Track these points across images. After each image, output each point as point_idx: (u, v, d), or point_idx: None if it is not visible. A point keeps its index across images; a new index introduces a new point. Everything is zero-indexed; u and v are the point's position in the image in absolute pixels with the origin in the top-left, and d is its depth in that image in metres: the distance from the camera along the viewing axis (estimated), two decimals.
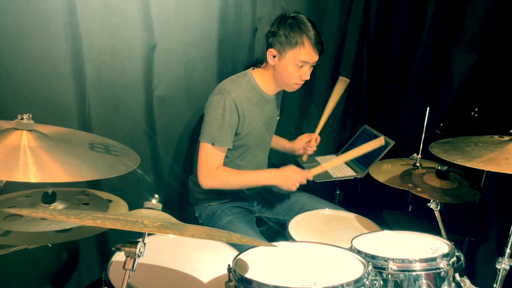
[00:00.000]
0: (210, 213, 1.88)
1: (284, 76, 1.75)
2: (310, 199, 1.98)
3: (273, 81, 1.81)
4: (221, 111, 1.70)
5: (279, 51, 1.72)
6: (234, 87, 1.75)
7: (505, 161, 1.25)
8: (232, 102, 1.71)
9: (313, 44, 1.70)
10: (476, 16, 1.88)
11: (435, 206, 1.54)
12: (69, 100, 1.70)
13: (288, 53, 1.71)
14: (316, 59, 1.75)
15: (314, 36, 1.71)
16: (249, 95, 1.78)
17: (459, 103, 1.97)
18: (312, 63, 1.75)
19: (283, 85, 1.80)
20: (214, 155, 1.73)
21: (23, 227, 1.23)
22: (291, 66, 1.72)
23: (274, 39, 1.72)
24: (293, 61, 1.71)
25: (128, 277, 0.98)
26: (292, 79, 1.75)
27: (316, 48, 1.72)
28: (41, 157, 1.05)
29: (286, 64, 1.72)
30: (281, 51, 1.72)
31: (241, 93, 1.76)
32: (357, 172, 2.28)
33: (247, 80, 1.81)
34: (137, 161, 1.24)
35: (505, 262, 1.38)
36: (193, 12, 1.91)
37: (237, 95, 1.73)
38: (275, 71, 1.77)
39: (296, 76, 1.74)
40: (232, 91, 1.73)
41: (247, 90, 1.78)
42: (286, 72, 1.74)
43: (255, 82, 1.81)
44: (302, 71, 1.73)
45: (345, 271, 1.16)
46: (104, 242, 1.92)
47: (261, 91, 1.82)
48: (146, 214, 1.05)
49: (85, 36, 1.68)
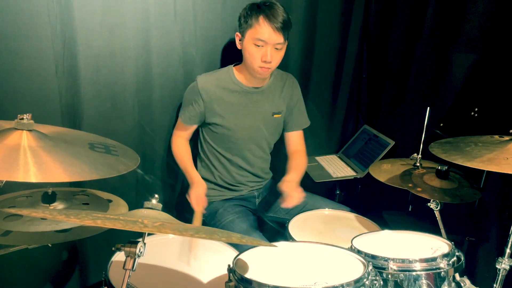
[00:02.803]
0: (213, 211, 1.89)
1: (248, 59, 1.75)
2: (311, 198, 1.97)
3: (244, 71, 1.83)
4: (186, 92, 1.88)
5: (242, 33, 1.74)
6: (205, 76, 1.85)
7: (505, 161, 1.25)
8: (195, 85, 1.82)
9: (269, 21, 1.66)
10: (476, 16, 1.88)
11: (435, 206, 1.54)
12: (68, 100, 1.70)
13: (247, 33, 1.71)
14: (276, 38, 1.68)
15: (272, 14, 1.66)
16: (223, 84, 1.83)
17: (459, 103, 1.97)
18: (274, 44, 1.69)
19: (250, 70, 1.77)
20: (178, 124, 1.95)
21: (23, 227, 1.23)
22: (251, 47, 1.70)
23: (239, 22, 1.75)
24: (251, 40, 1.70)
25: (128, 277, 0.98)
26: (255, 62, 1.72)
27: (273, 25, 1.66)
28: (41, 157, 1.05)
29: (247, 45, 1.72)
30: (243, 33, 1.73)
31: (210, 80, 1.83)
32: (357, 172, 2.28)
33: (224, 71, 1.87)
34: (137, 161, 1.24)
35: (505, 262, 1.38)
36: (192, 12, 1.91)
37: (202, 81, 1.82)
38: (243, 56, 1.79)
39: (257, 58, 1.70)
40: (200, 78, 1.83)
41: (220, 80, 1.84)
42: (248, 54, 1.73)
43: (232, 73, 1.84)
44: (263, 52, 1.69)
45: (345, 271, 1.16)
46: (104, 242, 1.92)
47: (238, 81, 1.84)
48: (146, 214, 1.05)
49: (84, 36, 1.68)
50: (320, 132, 2.02)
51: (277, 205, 1.99)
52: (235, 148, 1.90)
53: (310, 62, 2.37)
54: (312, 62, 2.39)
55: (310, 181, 2.22)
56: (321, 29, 2.35)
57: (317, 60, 2.40)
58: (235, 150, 1.90)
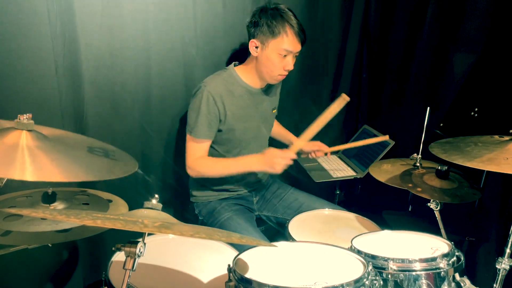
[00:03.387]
0: (210, 209, 1.89)
1: (268, 67, 1.74)
2: (308, 198, 1.98)
3: (256, 74, 1.81)
4: (198, 104, 1.72)
5: (262, 41, 1.72)
6: (212, 81, 1.76)
7: (505, 161, 1.25)
8: (209, 93, 1.72)
9: (296, 33, 1.69)
10: (475, 16, 1.88)
11: (435, 206, 1.54)
12: (68, 100, 1.70)
13: (271, 42, 1.70)
14: (299, 48, 1.73)
15: (297, 25, 1.70)
16: (231, 87, 1.79)
17: (459, 103, 1.97)
18: (295, 53, 1.74)
19: (267, 76, 1.79)
20: (194, 145, 1.77)
21: (23, 227, 1.23)
22: (274, 56, 1.71)
23: (256, 29, 1.72)
24: (276, 50, 1.70)
25: (128, 277, 0.98)
26: (276, 70, 1.74)
27: (299, 37, 1.70)
28: (38, 157, 1.05)
29: (269, 54, 1.71)
30: (264, 41, 1.71)
31: (219, 85, 1.76)
32: (357, 172, 2.28)
33: (228, 73, 1.81)
34: (135, 166, 1.24)
35: (505, 262, 1.38)
36: (192, 12, 1.91)
37: (213, 87, 1.74)
38: (258, 62, 1.77)
39: (279, 67, 1.73)
40: (208, 84, 1.74)
41: (227, 83, 1.79)
42: (270, 63, 1.73)
43: (237, 75, 1.81)
44: (286, 61, 1.72)
45: (345, 271, 1.16)
46: (104, 242, 1.93)
47: (245, 84, 1.82)
48: (146, 214, 1.05)
49: (84, 36, 1.69)
50: (320, 132, 2.01)
51: (275, 204, 2.00)
52: (236, 149, 1.88)
53: (310, 62, 2.37)
54: (312, 62, 2.39)
55: (310, 181, 2.22)
56: (322, 29, 2.35)
57: (317, 60, 2.40)
58: (236, 151, 1.88)
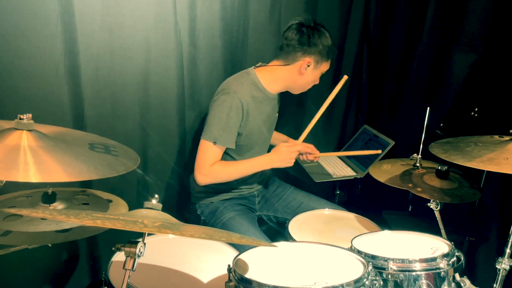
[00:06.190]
0: (213, 210, 1.88)
1: (307, 84, 1.83)
2: (308, 197, 1.99)
3: (280, 82, 1.81)
4: (226, 111, 1.68)
5: (317, 62, 1.77)
6: (240, 87, 1.73)
7: (505, 161, 1.25)
8: (239, 102, 1.69)
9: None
10: (476, 16, 1.88)
11: (435, 206, 1.54)
12: (68, 100, 1.70)
13: (323, 64, 1.79)
14: None
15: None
16: (254, 94, 1.77)
17: (459, 103, 1.97)
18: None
19: (299, 89, 1.87)
20: (213, 153, 1.71)
21: (23, 227, 1.23)
22: (317, 76, 1.82)
23: (313, 49, 1.74)
24: (320, 71, 1.81)
25: (128, 277, 0.98)
26: (309, 86, 1.86)
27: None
28: (41, 157, 1.05)
29: (315, 73, 1.80)
30: (318, 62, 1.77)
31: (247, 92, 1.74)
32: (357, 172, 2.28)
33: (251, 79, 1.79)
34: (137, 161, 1.24)
35: (505, 262, 1.38)
36: (192, 12, 1.91)
37: (243, 94, 1.71)
38: (296, 76, 1.78)
39: (312, 83, 1.85)
40: (238, 91, 1.71)
41: (252, 89, 1.77)
42: (311, 80, 1.82)
43: (259, 81, 1.79)
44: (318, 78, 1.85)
45: (345, 271, 1.16)
46: (104, 242, 1.93)
47: (264, 90, 1.80)
48: (146, 214, 1.05)
49: (84, 36, 1.68)
50: (320, 132, 2.02)
51: (274, 203, 2.00)
52: (249, 152, 1.85)
53: None
54: None
55: (310, 181, 2.22)
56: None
57: None
58: (248, 154, 1.85)
